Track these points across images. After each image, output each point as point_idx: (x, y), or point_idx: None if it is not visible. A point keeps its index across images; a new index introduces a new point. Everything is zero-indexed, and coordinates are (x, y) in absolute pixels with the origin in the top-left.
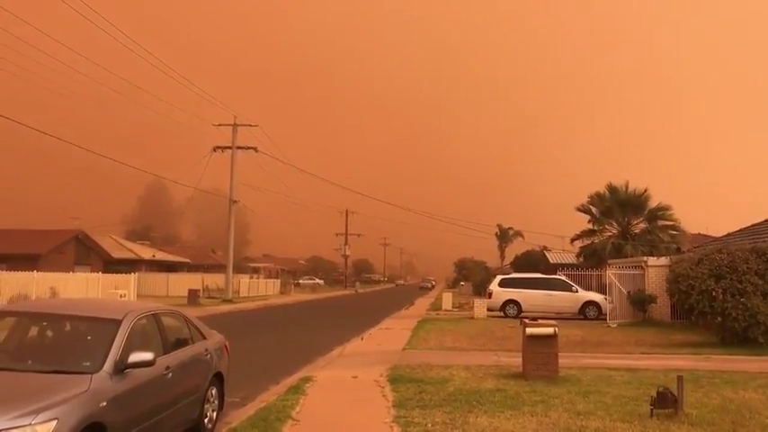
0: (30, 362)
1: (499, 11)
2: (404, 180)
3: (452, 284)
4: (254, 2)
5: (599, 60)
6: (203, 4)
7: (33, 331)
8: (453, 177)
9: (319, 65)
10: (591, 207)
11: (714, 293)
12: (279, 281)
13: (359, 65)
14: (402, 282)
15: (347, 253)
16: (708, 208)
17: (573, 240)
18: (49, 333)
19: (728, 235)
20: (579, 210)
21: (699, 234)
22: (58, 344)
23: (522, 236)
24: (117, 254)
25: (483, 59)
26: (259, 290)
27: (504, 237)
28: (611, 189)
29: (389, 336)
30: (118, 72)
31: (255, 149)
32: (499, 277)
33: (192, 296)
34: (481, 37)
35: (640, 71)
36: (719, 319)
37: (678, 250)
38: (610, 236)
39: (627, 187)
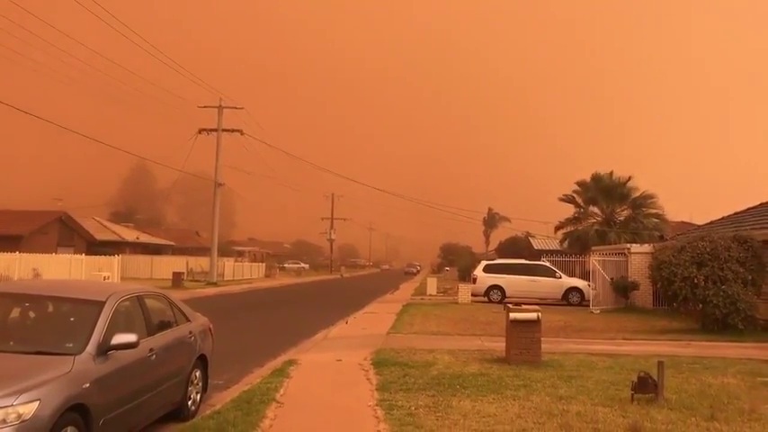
0: (12, 343)
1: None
2: (390, 165)
3: (437, 269)
4: None
5: (586, 50)
6: None
7: (16, 312)
8: (439, 163)
9: (306, 50)
10: (575, 195)
11: (696, 281)
12: (264, 264)
13: (347, 51)
14: (387, 267)
15: (333, 237)
16: (691, 196)
17: (557, 229)
18: (32, 314)
19: (711, 223)
20: (562, 200)
21: (682, 222)
22: (41, 325)
23: (508, 220)
24: (100, 236)
25: (474, 47)
26: (244, 273)
27: (491, 222)
28: (596, 177)
29: (374, 320)
30: (103, 52)
31: (241, 132)
32: (484, 263)
33: (177, 279)
34: (474, 25)
35: (626, 61)
36: (701, 305)
37: (661, 238)
38: (594, 223)
39: (611, 175)
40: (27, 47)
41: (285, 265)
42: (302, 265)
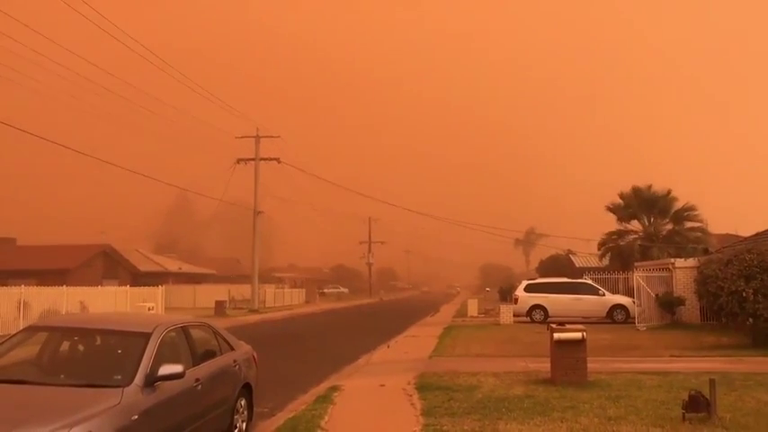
0: (62, 376)
1: (519, 9)
2: (427, 186)
3: (477, 290)
4: (277, 14)
5: (626, 62)
6: (227, 19)
7: (65, 346)
8: (476, 182)
9: (342, 74)
10: (617, 209)
11: (744, 294)
12: (304, 290)
13: (382, 73)
14: (427, 289)
15: (371, 261)
16: (737, 208)
17: (600, 246)
18: (81, 347)
19: (757, 234)
20: (608, 209)
21: (727, 234)
22: (90, 358)
23: (546, 236)
24: (144, 267)
25: (505, 62)
26: (285, 300)
27: (529, 241)
28: (637, 191)
29: (416, 343)
30: (143, 87)
31: (278, 160)
32: (525, 282)
33: (219, 307)
34: (505, 38)
35: (668, 71)
36: (751, 320)
37: (705, 251)
38: (636, 238)
39: (652, 189)
40: (61, 81)
41: (325, 291)
42: (342, 289)
